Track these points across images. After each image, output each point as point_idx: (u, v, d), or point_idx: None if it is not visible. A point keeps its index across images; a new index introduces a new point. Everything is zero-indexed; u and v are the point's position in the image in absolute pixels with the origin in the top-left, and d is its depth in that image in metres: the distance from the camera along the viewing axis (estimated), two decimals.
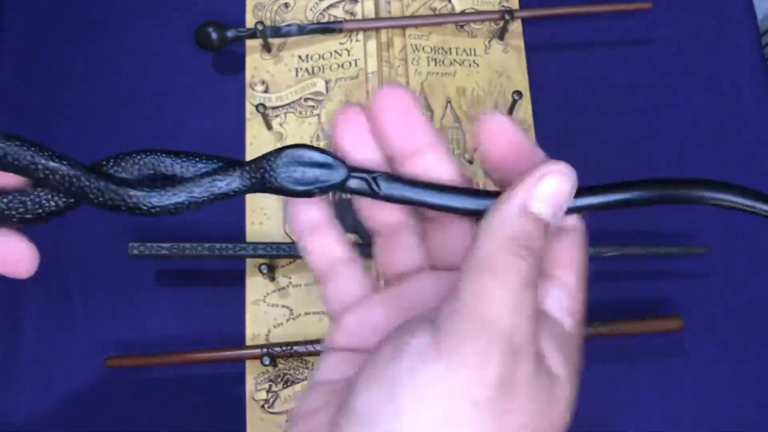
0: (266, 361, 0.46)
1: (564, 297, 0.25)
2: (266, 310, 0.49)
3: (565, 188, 0.24)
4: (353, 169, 0.25)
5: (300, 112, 0.54)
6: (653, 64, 0.57)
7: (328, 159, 0.25)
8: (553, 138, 0.54)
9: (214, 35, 0.54)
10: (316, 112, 0.54)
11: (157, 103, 0.55)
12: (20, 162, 0.24)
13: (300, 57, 0.55)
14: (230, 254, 0.47)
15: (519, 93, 0.51)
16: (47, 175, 0.24)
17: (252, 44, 0.55)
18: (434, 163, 0.26)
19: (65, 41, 0.57)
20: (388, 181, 0.25)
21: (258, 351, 0.47)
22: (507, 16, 0.53)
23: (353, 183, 0.25)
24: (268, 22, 0.56)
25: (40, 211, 0.25)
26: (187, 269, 0.51)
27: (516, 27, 0.56)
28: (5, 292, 0.50)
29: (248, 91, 0.54)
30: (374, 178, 0.25)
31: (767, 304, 0.51)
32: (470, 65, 0.55)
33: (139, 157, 0.25)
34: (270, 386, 0.48)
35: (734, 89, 0.56)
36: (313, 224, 0.27)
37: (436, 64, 0.54)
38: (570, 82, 0.56)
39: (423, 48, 0.55)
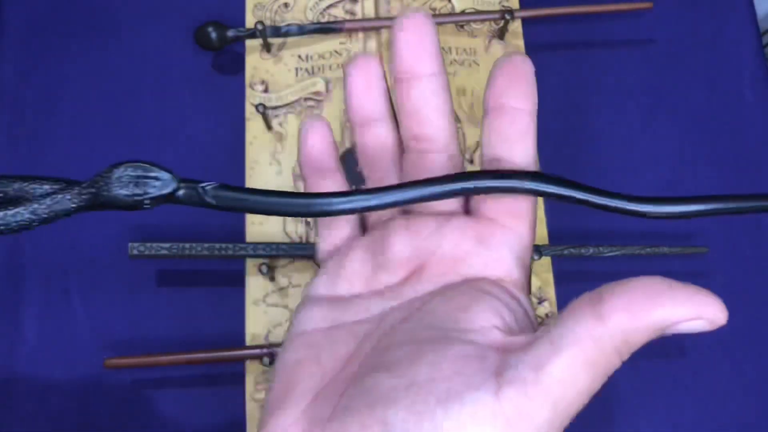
0: (266, 361, 0.46)
1: (516, 248, 0.26)
2: (266, 310, 0.49)
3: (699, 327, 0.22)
4: (182, 180, 0.27)
5: (300, 112, 0.54)
6: (653, 64, 0.57)
7: (158, 172, 0.26)
8: (553, 138, 0.54)
9: (214, 35, 0.54)
10: (316, 112, 0.54)
11: (156, 103, 0.55)
12: None
13: (300, 57, 0.55)
14: (230, 254, 0.47)
15: None
16: None
17: (252, 44, 0.55)
18: (430, 93, 0.27)
19: (65, 41, 0.57)
20: (216, 190, 0.26)
21: (258, 351, 0.47)
22: (507, 16, 0.53)
23: (182, 192, 0.26)
24: (268, 22, 0.56)
25: None
26: (187, 269, 0.51)
27: (516, 27, 0.56)
28: (5, 292, 0.50)
29: (248, 91, 0.54)
30: (203, 188, 0.26)
31: (767, 304, 0.51)
32: (470, 65, 0.55)
33: None
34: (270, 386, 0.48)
35: (734, 89, 0.56)
36: (321, 168, 0.29)
37: None
38: (570, 82, 0.56)
39: None
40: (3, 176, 0.27)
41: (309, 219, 0.51)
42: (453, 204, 0.28)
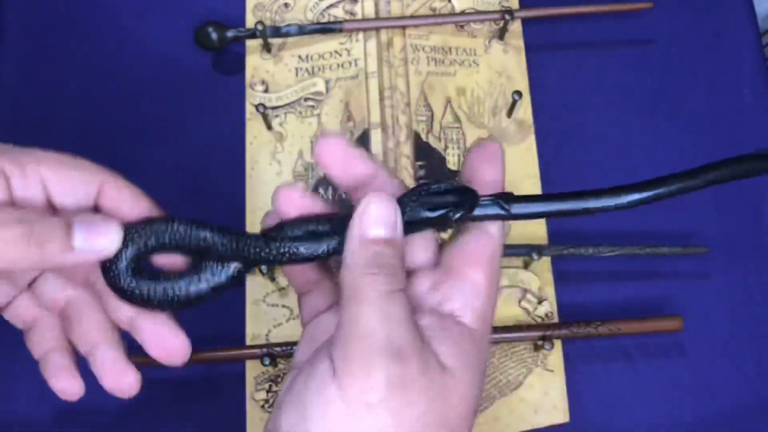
0: (266, 361, 0.46)
1: (468, 294, 0.28)
2: (266, 310, 0.49)
3: (387, 209, 0.27)
4: (482, 197, 0.28)
5: (300, 112, 0.54)
6: (653, 64, 0.57)
7: (458, 187, 0.27)
8: (553, 138, 0.54)
9: (214, 35, 0.54)
10: (316, 112, 0.54)
11: (157, 103, 0.55)
12: (190, 239, 0.27)
13: (300, 57, 0.55)
14: None
15: (519, 93, 0.51)
16: (211, 245, 0.28)
17: (252, 44, 0.55)
18: (380, 188, 0.29)
19: (65, 41, 0.57)
20: (515, 201, 0.27)
21: (258, 351, 0.47)
22: (507, 16, 0.53)
23: (485, 206, 0.28)
24: (268, 22, 0.56)
25: (205, 286, 0.28)
26: None
27: (516, 27, 0.56)
28: None
29: (248, 91, 0.54)
30: (505, 200, 0.27)
31: (767, 304, 0.51)
32: (470, 65, 0.55)
33: (295, 224, 0.29)
34: (270, 386, 0.48)
35: (734, 89, 0.56)
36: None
37: (436, 64, 0.54)
38: (570, 82, 0.56)
39: (423, 48, 0.55)
40: (305, 218, 0.29)
41: None
42: (426, 257, 0.30)
